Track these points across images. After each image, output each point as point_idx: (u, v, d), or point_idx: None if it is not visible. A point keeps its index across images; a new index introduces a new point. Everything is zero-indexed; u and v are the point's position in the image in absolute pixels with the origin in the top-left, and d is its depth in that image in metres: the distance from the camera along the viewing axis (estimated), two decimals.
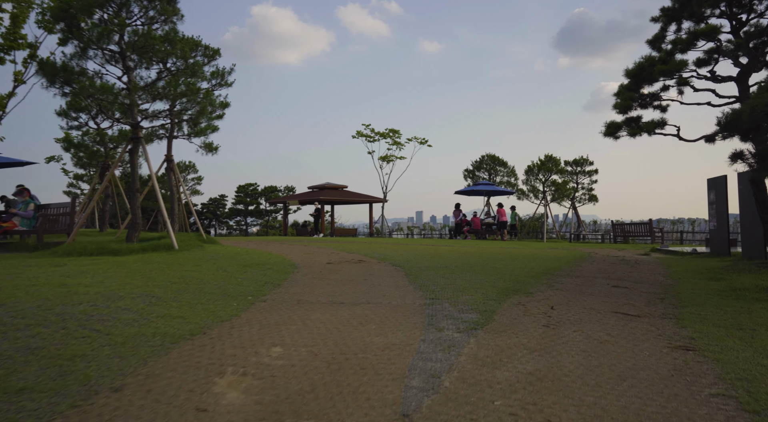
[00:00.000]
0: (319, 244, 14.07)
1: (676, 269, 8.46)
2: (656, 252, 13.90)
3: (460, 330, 4.13)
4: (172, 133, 13.03)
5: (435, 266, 8.31)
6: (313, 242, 16.14)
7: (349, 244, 14.44)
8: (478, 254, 11.05)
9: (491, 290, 5.94)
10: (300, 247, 12.78)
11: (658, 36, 8.78)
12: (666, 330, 4.34)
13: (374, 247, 13.06)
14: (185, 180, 34.42)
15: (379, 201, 35.90)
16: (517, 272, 7.66)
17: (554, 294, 5.84)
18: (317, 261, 8.97)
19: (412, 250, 12.05)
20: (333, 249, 12.10)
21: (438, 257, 10.07)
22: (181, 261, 7.32)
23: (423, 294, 5.70)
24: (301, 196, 38.82)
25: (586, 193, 26.35)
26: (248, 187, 42.87)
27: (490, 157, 30.10)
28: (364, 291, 5.89)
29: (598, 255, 12.19)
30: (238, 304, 4.82)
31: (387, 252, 11.35)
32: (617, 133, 8.79)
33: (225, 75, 13.58)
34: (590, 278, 7.24)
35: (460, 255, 10.72)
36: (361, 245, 14.16)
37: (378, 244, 14.49)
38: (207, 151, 13.35)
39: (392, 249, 12.21)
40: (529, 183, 25.38)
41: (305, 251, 11.46)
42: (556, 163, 24.93)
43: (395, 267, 8.31)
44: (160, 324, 3.93)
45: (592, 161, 26.28)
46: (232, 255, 8.80)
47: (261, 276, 6.58)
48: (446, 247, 13.85)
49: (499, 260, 9.56)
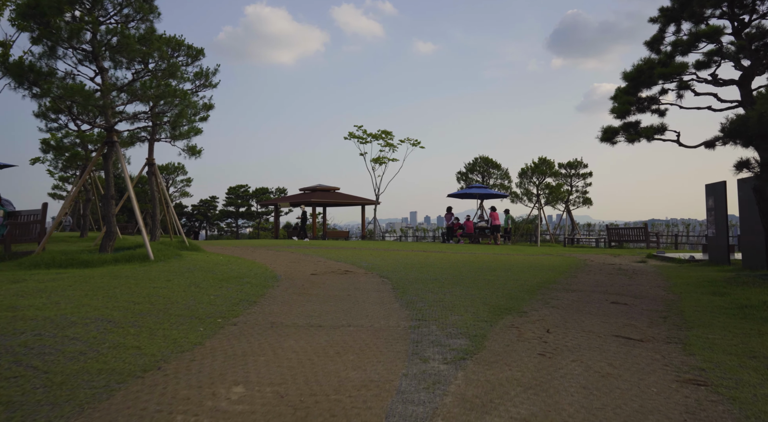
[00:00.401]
0: (306, 251, 13.65)
1: (676, 281, 8.10)
2: (653, 259, 13.57)
3: (447, 361, 3.73)
4: (154, 136, 12.56)
5: (424, 278, 7.92)
6: (302, 247, 15.72)
7: (337, 251, 14.02)
8: (469, 263, 10.67)
9: (482, 308, 5.55)
10: (287, 255, 12.34)
11: (656, 37, 8.43)
12: (673, 359, 3.96)
13: (363, 254, 12.65)
14: (174, 182, 33.86)
15: (372, 203, 35.50)
16: (511, 285, 7.27)
17: (550, 313, 5.45)
18: (301, 272, 8.55)
19: (402, 258, 11.65)
20: (320, 257, 11.68)
21: (428, 267, 9.68)
22: (152, 274, 6.87)
23: (409, 313, 5.30)
24: (292, 197, 38.35)
25: (581, 196, 26.04)
26: (239, 188, 42.33)
27: (484, 159, 29.75)
28: (347, 309, 5.47)
29: (593, 263, 11.84)
30: (205, 329, 4.39)
31: (376, 260, 10.94)
32: (614, 139, 8.44)
33: (209, 76, 13.13)
34: (587, 292, 6.86)
35: (451, 264, 10.33)
36: (351, 251, 13.75)
37: (367, 251, 14.08)
38: (190, 155, 12.89)
39: (381, 257, 11.81)
40: (522, 186, 25.06)
41: (291, 259, 11.03)
42: (550, 166, 24.61)
43: (382, 279, 7.90)
44: (110, 357, 3.50)
45: (586, 164, 26.00)
46: (211, 267, 8.36)
47: (237, 293, 6.15)
48: (438, 254, 13.47)
49: (492, 271, 9.18)
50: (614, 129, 8.49)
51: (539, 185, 24.50)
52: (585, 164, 25.91)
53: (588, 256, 14.46)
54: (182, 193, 34.62)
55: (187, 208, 45.24)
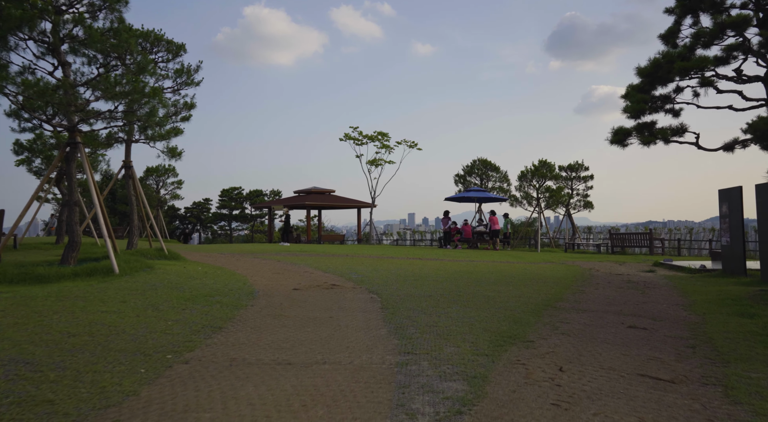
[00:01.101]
0: (295, 259, 12.88)
1: (695, 297, 7.36)
2: (661, 268, 12.84)
3: (440, 417, 2.98)
4: (131, 137, 11.79)
5: (417, 294, 7.16)
6: (291, 254, 14.96)
7: (328, 259, 13.26)
8: (467, 275, 9.92)
9: (483, 336, 4.79)
10: (272, 264, 11.57)
11: (672, 30, 7.72)
12: (716, 410, 3.21)
13: (355, 263, 11.89)
14: (164, 184, 33.05)
15: (368, 206, 34.74)
16: (513, 304, 6.53)
17: (561, 342, 4.70)
18: (282, 287, 7.79)
19: (395, 268, 10.90)
20: (308, 267, 10.91)
21: (422, 280, 8.93)
22: (108, 294, 6.11)
23: (398, 343, 4.55)
24: (287, 200, 37.57)
25: (581, 200, 25.34)
26: (232, 190, 41.54)
27: (482, 161, 29.02)
28: (325, 338, 4.72)
29: (599, 273, 11.10)
30: (148, 370, 3.63)
31: (367, 271, 10.19)
32: (626, 141, 7.72)
33: (191, 73, 12.37)
34: (600, 313, 6.12)
35: (447, 276, 9.58)
36: (342, 260, 12.99)
37: (359, 259, 13.32)
38: (170, 156, 12.12)
39: (374, 267, 11.05)
40: (522, 189, 24.33)
41: (275, 269, 10.27)
42: (550, 169, 23.88)
43: (371, 295, 7.15)
44: (5, 419, 2.73)
45: (587, 166, 25.32)
46: (182, 281, 7.59)
47: (201, 316, 5.39)
48: (434, 263, 12.71)
49: (492, 284, 8.43)
50: (626, 130, 7.75)
51: (539, 188, 23.76)
52: (586, 167, 25.23)
53: (592, 264, 13.72)
54: (173, 196, 33.82)
55: (180, 210, 44.43)
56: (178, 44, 12.14)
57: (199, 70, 12.45)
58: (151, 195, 32.08)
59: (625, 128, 7.73)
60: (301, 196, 36.24)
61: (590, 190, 25.33)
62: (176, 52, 12.22)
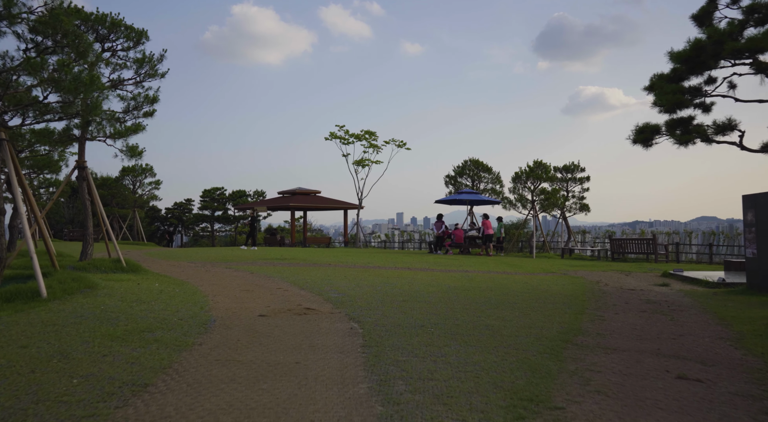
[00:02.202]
0: (271, 271, 11.60)
1: (737, 325, 6.23)
2: (673, 280, 11.76)
3: None
4: (84, 134, 10.44)
5: (408, 324, 5.95)
6: (269, 264, 13.69)
7: (307, 270, 12.01)
8: (464, 291, 8.72)
9: (494, 399, 3.59)
10: (244, 277, 10.30)
11: (705, 10, 6.59)
12: None
13: (337, 276, 10.65)
14: (141, 184, 31.52)
15: (355, 207, 33.50)
16: (524, 339, 5.34)
17: (599, 407, 3.51)
18: (247, 312, 6.53)
19: (382, 282, 9.67)
20: (283, 281, 9.65)
21: (413, 300, 7.71)
22: (11, 333, 4.82)
23: (381, 412, 3.33)
24: (270, 201, 36.17)
25: (577, 202, 24.31)
26: (214, 191, 40.04)
27: (474, 162, 27.89)
28: (284, 402, 3.49)
29: (609, 288, 9.98)
30: None
31: (349, 287, 8.95)
32: (653, 140, 6.58)
33: (154, 63, 11.04)
34: (633, 353, 4.94)
35: (442, 295, 8.37)
36: (323, 272, 11.74)
37: (342, 272, 12.08)
38: (129, 156, 10.78)
39: (358, 281, 9.82)
40: (516, 191, 23.21)
41: (244, 285, 9.00)
42: (546, 170, 22.80)
43: (352, 324, 5.93)
44: None
45: (583, 167, 24.28)
46: (123, 308, 6.31)
47: (126, 366, 4.13)
48: (425, 274, 11.51)
49: (494, 307, 7.24)
50: (653, 127, 6.62)
51: (534, 191, 22.67)
52: (582, 168, 24.21)
53: (596, 275, 12.62)
54: (151, 196, 32.29)
55: (161, 211, 42.86)
56: (139, 31, 10.81)
57: (164, 60, 11.13)
58: (127, 196, 30.55)
59: (652, 125, 6.59)
60: (286, 196, 34.90)
61: (586, 191, 24.34)
62: (137, 40, 10.89)
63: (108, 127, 9.63)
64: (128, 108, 10.81)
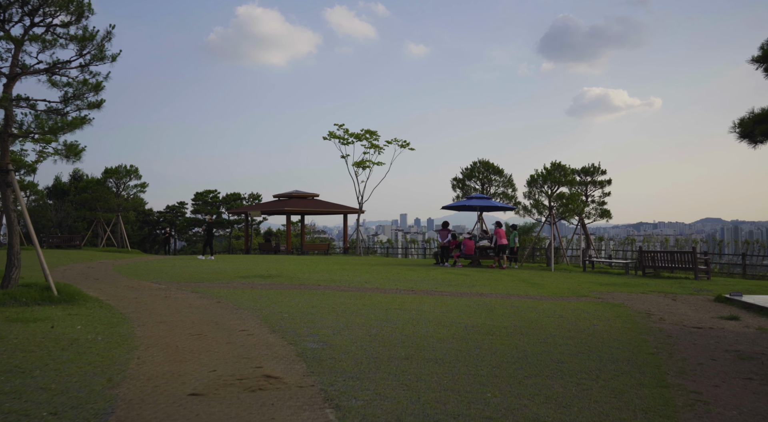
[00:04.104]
0: (240, 297, 9.50)
1: None
2: (737, 309, 9.58)
3: None
4: (8, 129, 8.36)
5: (414, 413, 3.83)
6: (246, 286, 11.62)
7: (289, 296, 9.91)
8: (487, 335, 6.56)
9: None
10: (206, 308, 8.19)
11: None
12: None
13: (323, 307, 8.53)
14: (126, 187, 29.47)
15: (354, 211, 31.41)
16: None
17: None
18: (176, 383, 4.43)
19: (378, 318, 7.53)
20: (249, 318, 7.54)
21: (421, 353, 5.57)
22: None
23: None
24: (265, 205, 34.10)
25: (597, 208, 22.15)
26: (207, 194, 38.00)
27: (483, 163, 25.74)
28: None
29: (668, 325, 7.83)
30: None
31: (335, 328, 6.83)
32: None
33: (100, 42, 8.97)
34: None
35: (458, 343, 6.23)
36: (307, 299, 9.64)
37: (331, 300, 9.97)
38: (66, 156, 8.70)
39: (347, 318, 7.69)
40: (532, 196, 21.05)
41: (199, 324, 6.90)
42: (565, 173, 20.63)
43: (325, 413, 3.82)
44: None
45: (604, 169, 22.14)
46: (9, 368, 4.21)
47: None
48: (433, 299, 9.36)
49: (534, 370, 5.10)
50: None
51: (552, 196, 20.51)
52: (603, 170, 22.08)
53: (638, 300, 10.46)
54: (135, 200, 30.25)
55: (153, 215, 40.86)
56: (80, 1, 8.74)
57: (112, 39, 9.06)
58: (110, 199, 28.51)
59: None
60: (282, 200, 32.85)
61: (608, 196, 22.18)
62: (78, 13, 8.83)
63: (33, 121, 7.59)
64: (66, 97, 8.74)
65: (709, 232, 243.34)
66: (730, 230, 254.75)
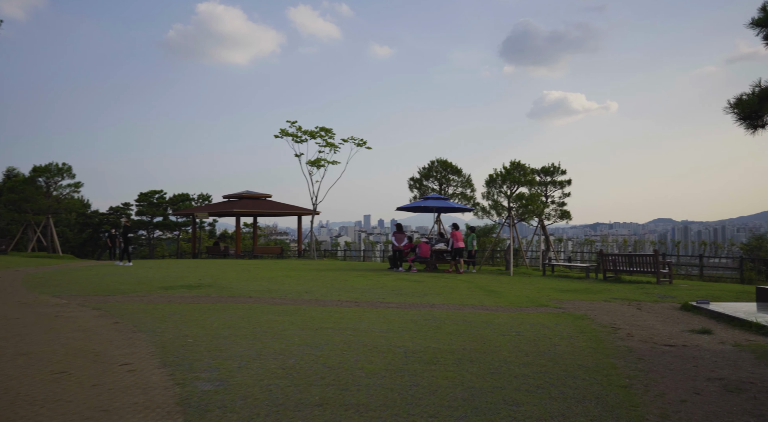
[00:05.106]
0: (147, 313, 8.08)
1: None
2: (706, 319, 8.78)
3: None
4: None
5: None
6: (162, 298, 10.17)
7: (207, 313, 8.54)
8: (428, 364, 5.39)
9: None
10: (93, 330, 6.74)
11: None
12: None
13: (241, 329, 7.21)
14: (57, 186, 27.15)
15: (309, 213, 29.99)
16: None
17: None
18: None
19: (302, 345, 6.26)
20: (143, 343, 6.16)
21: (341, 395, 4.36)
22: None
23: None
24: (214, 206, 32.25)
25: (557, 209, 21.51)
26: (152, 194, 35.79)
27: (441, 162, 24.77)
28: None
29: (638, 343, 6.88)
30: None
31: (246, 359, 5.53)
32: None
33: None
34: None
35: (391, 379, 5.04)
36: (228, 316, 8.30)
37: (253, 319, 8.66)
38: None
39: (266, 343, 6.40)
40: (491, 196, 20.16)
41: (71, 356, 5.48)
42: (524, 172, 19.84)
43: None
44: None
45: (564, 170, 21.53)
46: None
47: None
48: (376, 313, 8.16)
49: (479, 411, 3.96)
50: None
51: (511, 196, 19.68)
52: (563, 170, 21.46)
53: (602, 310, 9.57)
54: (71, 201, 27.94)
55: (95, 217, 38.28)
56: None
57: None
58: (39, 199, 26.14)
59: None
60: (231, 201, 31.09)
61: (567, 196, 21.58)
62: None
63: None
64: None
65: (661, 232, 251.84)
66: (681, 230, 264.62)
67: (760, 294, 10.69)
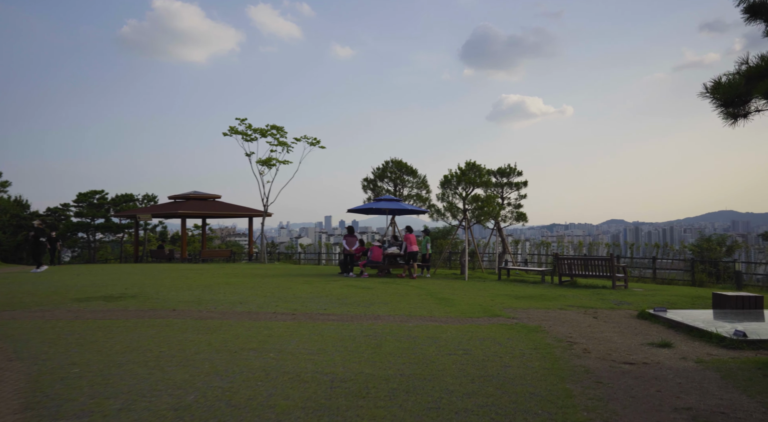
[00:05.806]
0: (33, 336, 6.91)
1: None
2: (661, 328, 8.28)
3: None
4: None
5: None
6: (70, 313, 8.97)
7: (111, 335, 7.43)
8: (358, 398, 4.53)
9: None
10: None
11: None
12: None
13: (142, 356, 6.17)
14: None
15: (259, 214, 28.72)
16: None
17: None
18: None
19: (212, 375, 5.30)
20: (12, 376, 5.06)
21: None
22: None
23: None
24: (158, 208, 30.50)
25: (513, 211, 21.11)
26: (93, 194, 33.65)
27: (396, 163, 24.05)
28: None
29: (596, 362, 6.22)
30: None
31: (141, 386, 4.52)
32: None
33: None
34: None
35: (308, 405, 4.14)
36: (134, 337, 7.23)
37: (162, 339, 7.60)
38: None
39: (166, 374, 5.39)
40: (446, 198, 19.55)
41: None
42: (480, 173, 19.32)
43: None
44: None
45: (520, 171, 21.15)
46: None
47: None
48: (310, 329, 7.25)
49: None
50: None
51: (466, 198, 19.11)
52: (519, 171, 21.09)
53: (557, 320, 8.97)
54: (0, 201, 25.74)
55: (34, 220, 35.67)
56: None
57: None
58: None
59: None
60: (177, 202, 29.46)
61: (524, 198, 21.21)
62: None
63: None
64: None
65: (614, 233, 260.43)
66: (632, 231, 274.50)
67: (716, 300, 10.35)
